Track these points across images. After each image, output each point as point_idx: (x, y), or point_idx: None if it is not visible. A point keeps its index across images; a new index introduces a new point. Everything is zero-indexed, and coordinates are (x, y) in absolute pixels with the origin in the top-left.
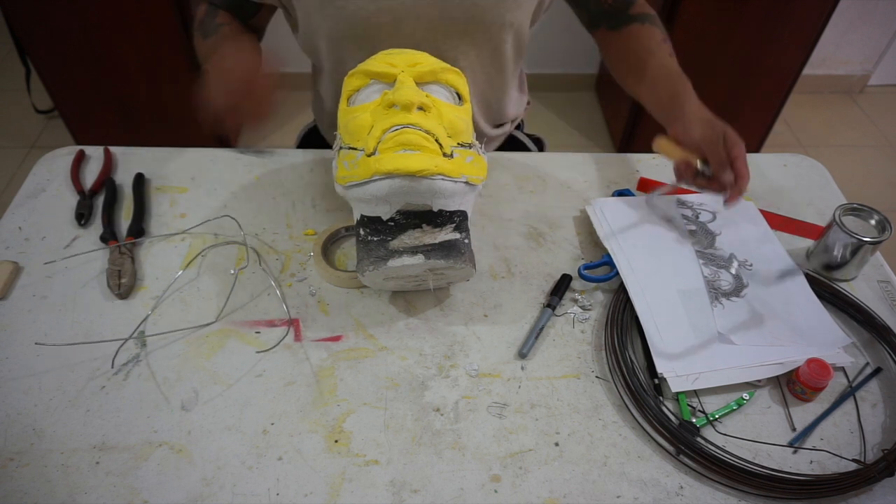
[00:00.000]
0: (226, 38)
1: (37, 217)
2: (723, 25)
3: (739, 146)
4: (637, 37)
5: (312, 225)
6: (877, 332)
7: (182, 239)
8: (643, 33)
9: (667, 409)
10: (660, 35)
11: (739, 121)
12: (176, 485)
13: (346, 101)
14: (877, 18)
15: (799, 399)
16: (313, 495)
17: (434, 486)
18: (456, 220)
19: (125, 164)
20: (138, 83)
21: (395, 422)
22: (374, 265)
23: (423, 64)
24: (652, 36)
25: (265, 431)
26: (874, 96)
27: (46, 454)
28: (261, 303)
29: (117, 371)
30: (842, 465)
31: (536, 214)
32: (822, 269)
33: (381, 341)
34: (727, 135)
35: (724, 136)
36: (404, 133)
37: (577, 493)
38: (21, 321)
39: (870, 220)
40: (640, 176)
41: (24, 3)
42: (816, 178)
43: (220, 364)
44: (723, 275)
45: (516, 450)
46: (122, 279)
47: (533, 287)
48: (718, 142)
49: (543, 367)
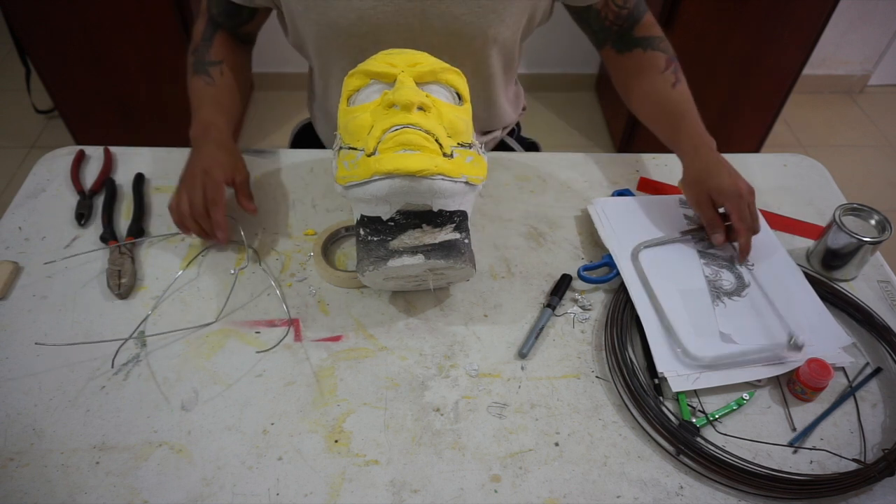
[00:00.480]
0: (215, 99)
1: (37, 217)
2: (723, 25)
3: (733, 200)
4: (639, 66)
5: (312, 225)
6: (877, 332)
7: (182, 239)
8: (645, 62)
9: (667, 409)
10: (663, 61)
11: (739, 121)
12: (176, 485)
13: (346, 101)
14: (877, 18)
15: (799, 399)
16: (313, 495)
17: (434, 486)
18: (456, 220)
19: (125, 164)
20: (138, 83)
21: (395, 422)
22: (374, 265)
23: (424, 64)
24: (654, 64)
25: (265, 431)
26: (874, 96)
27: (46, 454)
28: (261, 303)
29: (117, 371)
30: (842, 464)
31: (536, 214)
32: (822, 269)
33: (381, 341)
34: (720, 190)
35: (717, 191)
36: (404, 133)
37: (577, 493)
38: (21, 321)
39: (870, 220)
40: (640, 176)
41: (24, 3)
42: (816, 178)
43: (220, 364)
44: (724, 274)
45: (516, 450)
46: (122, 279)
47: (533, 287)
48: (705, 201)
49: (543, 367)
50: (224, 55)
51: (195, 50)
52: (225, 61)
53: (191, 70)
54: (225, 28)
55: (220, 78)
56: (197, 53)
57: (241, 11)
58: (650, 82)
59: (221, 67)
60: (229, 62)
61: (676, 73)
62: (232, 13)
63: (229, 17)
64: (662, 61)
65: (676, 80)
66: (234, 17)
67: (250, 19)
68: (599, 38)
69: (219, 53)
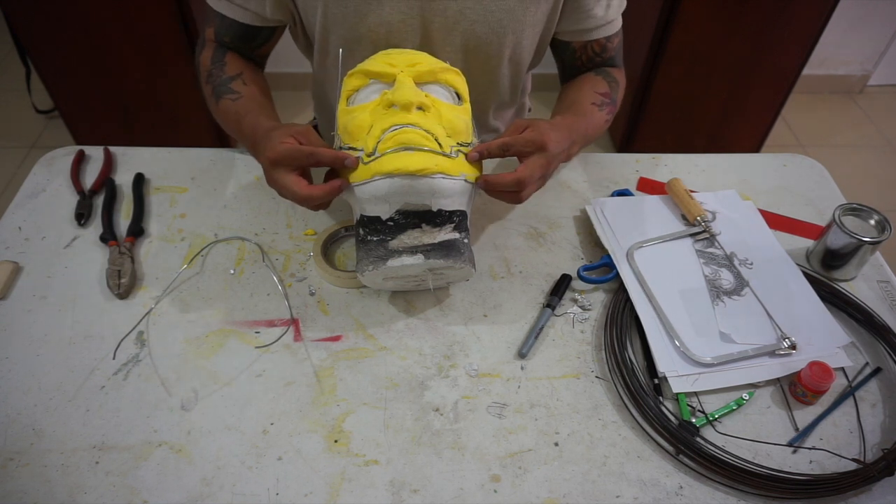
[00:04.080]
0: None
1: (37, 217)
2: (723, 25)
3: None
4: (582, 79)
5: (312, 225)
6: (876, 332)
7: (182, 239)
8: (588, 78)
9: (666, 409)
10: (603, 86)
11: (739, 121)
12: (176, 485)
13: (346, 102)
14: (877, 18)
15: (800, 402)
16: (313, 495)
17: (434, 486)
18: (455, 219)
19: (125, 164)
20: (138, 83)
21: (394, 422)
22: (373, 265)
23: (423, 64)
24: (594, 81)
25: (265, 431)
26: (874, 96)
27: (46, 454)
28: (260, 303)
29: (117, 371)
30: (841, 464)
31: (536, 214)
32: (821, 269)
33: (380, 341)
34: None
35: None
36: (404, 132)
37: (577, 493)
38: (21, 321)
39: (869, 220)
40: (640, 176)
41: (24, 3)
42: (816, 178)
43: (220, 364)
44: (723, 273)
45: (516, 450)
46: (121, 279)
47: (533, 287)
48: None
49: (543, 367)
50: (240, 68)
51: (209, 77)
52: (243, 72)
53: (212, 99)
54: (238, 52)
55: (245, 87)
56: (212, 79)
57: (259, 33)
58: (578, 87)
59: (242, 77)
60: (247, 71)
61: (606, 105)
62: (248, 36)
63: (245, 41)
64: (603, 86)
65: (601, 105)
66: (250, 41)
67: (268, 39)
68: (566, 73)
69: (234, 68)
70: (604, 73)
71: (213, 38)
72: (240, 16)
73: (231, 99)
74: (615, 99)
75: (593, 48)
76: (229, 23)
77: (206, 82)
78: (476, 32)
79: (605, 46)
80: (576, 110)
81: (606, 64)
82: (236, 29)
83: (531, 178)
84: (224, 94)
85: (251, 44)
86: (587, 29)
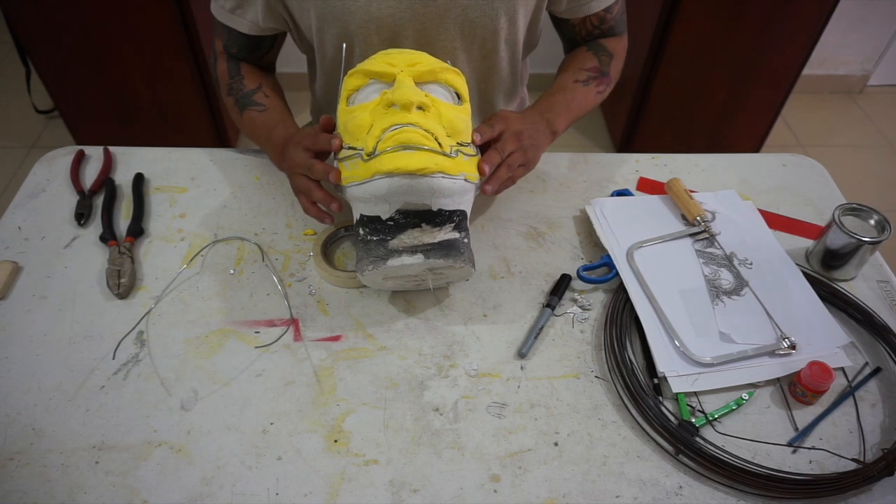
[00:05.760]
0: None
1: (37, 217)
2: (723, 25)
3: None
4: (572, 56)
5: (312, 225)
6: (876, 332)
7: (182, 239)
8: (578, 55)
9: (666, 409)
10: (591, 62)
11: (739, 121)
12: (175, 484)
13: (346, 102)
14: (877, 18)
15: (800, 402)
16: (313, 495)
17: (433, 486)
18: (455, 219)
19: (125, 164)
20: (138, 83)
21: (394, 422)
22: (373, 265)
23: (423, 63)
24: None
25: (265, 431)
26: (874, 96)
27: (46, 454)
28: (260, 302)
29: (117, 371)
30: (841, 464)
31: (536, 214)
32: (821, 269)
33: (380, 341)
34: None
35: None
36: (404, 132)
37: (577, 492)
38: (21, 321)
39: (869, 220)
40: (639, 176)
41: (24, 3)
42: (816, 178)
43: (220, 364)
44: (723, 273)
45: (515, 450)
46: (121, 279)
47: (532, 287)
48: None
49: (543, 367)
50: (259, 80)
51: (230, 89)
52: (262, 83)
53: (235, 111)
54: (248, 61)
55: (267, 99)
56: (233, 91)
57: (263, 42)
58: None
59: (263, 90)
60: (266, 83)
61: (593, 80)
62: (253, 46)
63: (251, 50)
64: (591, 61)
65: (586, 81)
66: (255, 50)
67: (271, 47)
68: (569, 48)
69: (253, 81)
70: (595, 47)
71: (222, 49)
72: (241, 27)
73: (257, 111)
74: (606, 71)
75: (591, 21)
76: (235, 35)
77: (227, 94)
78: (469, 17)
79: (603, 18)
80: (553, 91)
81: (607, 34)
82: (242, 40)
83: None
84: (248, 107)
85: (257, 52)
86: (581, 4)
